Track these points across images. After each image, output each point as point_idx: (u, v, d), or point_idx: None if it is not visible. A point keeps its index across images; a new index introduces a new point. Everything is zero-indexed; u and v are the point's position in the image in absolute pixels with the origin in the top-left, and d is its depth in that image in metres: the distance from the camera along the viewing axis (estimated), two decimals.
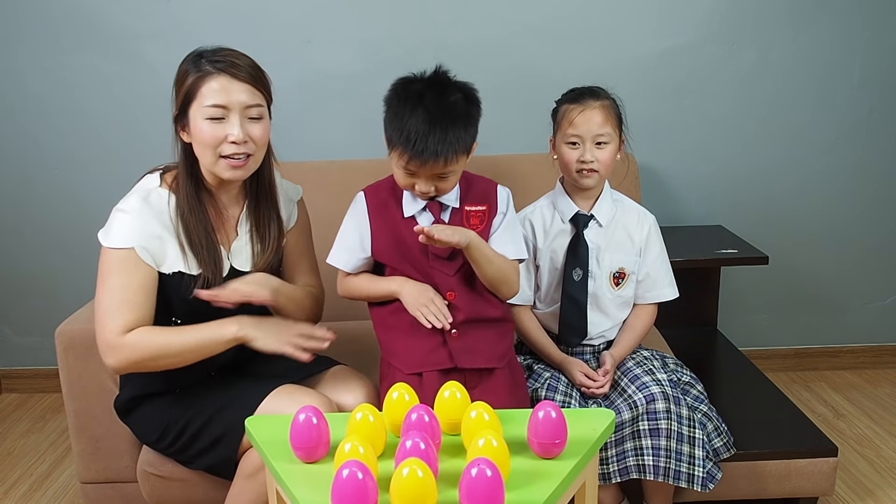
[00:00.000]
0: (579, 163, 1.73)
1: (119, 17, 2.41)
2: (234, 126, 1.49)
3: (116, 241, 1.50)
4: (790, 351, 2.78)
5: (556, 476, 1.15)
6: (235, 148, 1.49)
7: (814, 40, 2.49)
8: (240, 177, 1.55)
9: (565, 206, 1.82)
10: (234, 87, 1.48)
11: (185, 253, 1.54)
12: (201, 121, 1.48)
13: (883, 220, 2.66)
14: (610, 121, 1.73)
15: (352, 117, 2.47)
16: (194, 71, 1.49)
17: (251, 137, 1.51)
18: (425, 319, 1.55)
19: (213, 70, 1.48)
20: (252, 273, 1.60)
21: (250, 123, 1.51)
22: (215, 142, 1.49)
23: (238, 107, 1.49)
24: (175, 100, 1.53)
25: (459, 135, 1.50)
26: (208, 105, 1.47)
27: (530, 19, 2.44)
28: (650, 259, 1.84)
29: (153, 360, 1.49)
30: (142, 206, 1.53)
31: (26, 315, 2.68)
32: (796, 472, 1.82)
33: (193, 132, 1.51)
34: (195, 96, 1.48)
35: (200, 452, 1.58)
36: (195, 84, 1.48)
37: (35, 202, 2.57)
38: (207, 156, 1.51)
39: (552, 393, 1.73)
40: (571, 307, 1.80)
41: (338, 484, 1.04)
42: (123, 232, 1.51)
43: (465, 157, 1.56)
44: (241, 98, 1.49)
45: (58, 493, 2.14)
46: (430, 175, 1.52)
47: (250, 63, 1.53)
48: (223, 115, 1.48)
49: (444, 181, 1.55)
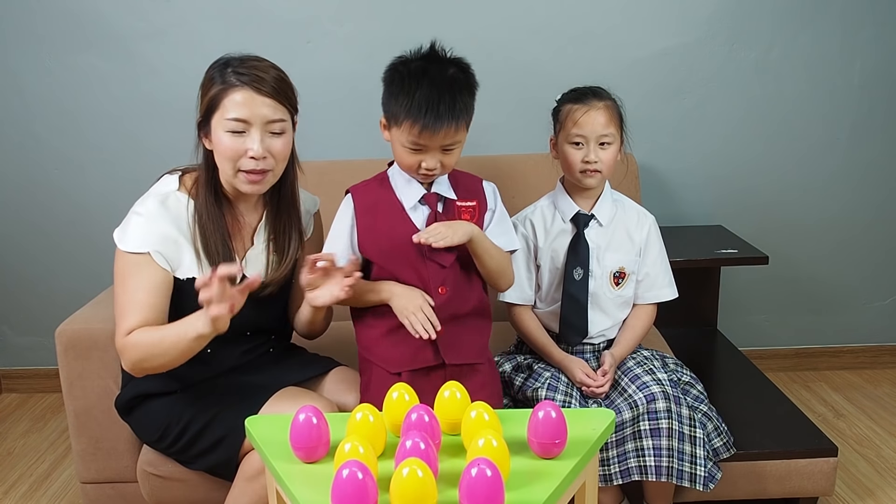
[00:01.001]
0: (583, 163, 1.73)
1: (119, 18, 2.41)
2: (254, 141, 1.48)
3: (132, 244, 1.50)
4: (790, 351, 2.78)
5: (556, 476, 1.15)
6: (254, 164, 1.49)
7: (814, 40, 2.49)
8: (257, 191, 1.55)
9: (566, 206, 1.82)
10: (256, 101, 1.47)
11: (199, 259, 1.54)
12: (222, 133, 1.48)
13: (883, 220, 2.66)
14: (613, 121, 1.74)
15: (352, 117, 2.47)
16: (219, 81, 1.48)
17: (271, 153, 1.50)
18: (413, 329, 1.55)
19: (237, 82, 1.47)
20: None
21: (271, 138, 1.51)
22: (235, 155, 1.49)
23: (259, 121, 1.48)
24: (199, 105, 1.53)
25: (466, 101, 1.53)
26: (230, 118, 1.47)
27: (530, 19, 2.44)
28: (650, 259, 1.84)
29: (148, 359, 1.47)
30: (159, 210, 1.53)
31: (26, 315, 2.68)
32: (796, 472, 1.83)
33: (215, 142, 1.50)
34: (218, 107, 1.48)
35: (201, 453, 1.58)
36: (219, 95, 1.48)
37: (35, 202, 2.57)
38: (227, 168, 1.51)
39: (552, 392, 1.73)
40: (572, 306, 1.80)
41: (338, 484, 1.04)
42: (139, 236, 1.50)
43: (466, 130, 1.57)
44: (264, 112, 1.48)
45: (58, 493, 2.14)
46: (438, 147, 1.52)
47: (276, 76, 1.51)
48: (244, 129, 1.48)
49: (450, 155, 1.55)
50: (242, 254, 1.62)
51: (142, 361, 1.48)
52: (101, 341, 1.73)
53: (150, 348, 1.46)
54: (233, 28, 2.42)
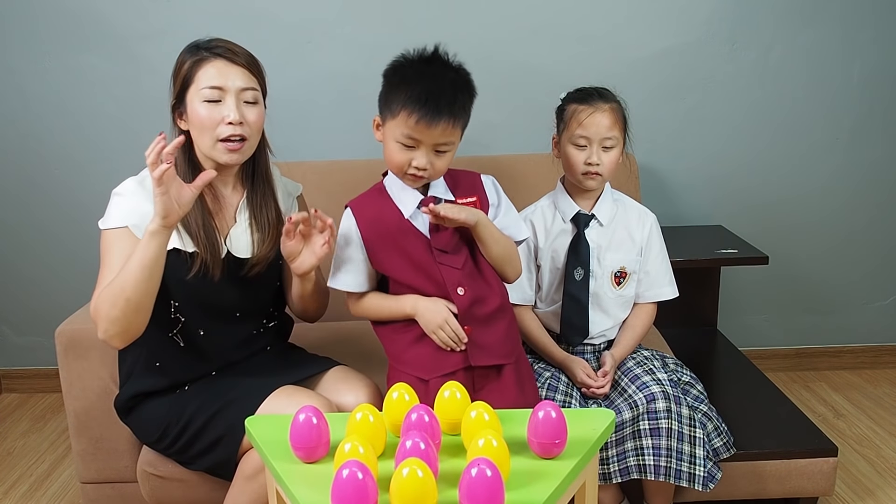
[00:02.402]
0: (586, 165, 1.73)
1: (119, 17, 2.41)
2: (230, 108, 1.52)
3: (111, 222, 1.55)
4: (790, 351, 2.78)
5: (556, 476, 1.15)
6: (232, 129, 1.52)
7: (814, 40, 2.50)
8: (236, 160, 1.57)
9: (566, 206, 1.82)
10: (230, 70, 1.53)
11: (180, 234, 1.56)
12: (198, 104, 1.52)
13: (883, 220, 2.66)
14: (617, 124, 1.73)
15: (352, 117, 2.47)
16: (191, 59, 1.54)
17: (247, 121, 1.55)
18: (442, 343, 1.56)
19: (209, 55, 1.53)
20: None
21: (246, 107, 1.55)
22: (212, 123, 1.52)
23: (234, 89, 1.53)
24: (172, 89, 1.57)
25: (465, 103, 1.54)
26: (205, 87, 1.52)
27: (530, 20, 2.44)
28: (650, 258, 1.84)
29: (116, 303, 1.44)
30: (136, 188, 1.58)
31: (26, 315, 2.68)
32: (796, 472, 1.83)
33: (191, 117, 1.54)
34: (192, 81, 1.53)
35: (200, 453, 1.58)
36: (192, 69, 1.53)
37: (35, 202, 2.57)
38: (205, 139, 1.54)
39: (552, 393, 1.73)
40: (573, 306, 1.80)
41: (338, 484, 1.04)
42: (118, 213, 1.55)
43: (461, 136, 1.57)
44: (238, 82, 1.53)
45: (58, 493, 2.14)
46: (431, 146, 1.51)
47: (246, 52, 1.58)
48: (220, 98, 1.52)
49: (442, 157, 1.54)
50: (225, 231, 1.63)
51: (111, 310, 1.44)
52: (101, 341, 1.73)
53: (112, 289, 1.45)
54: (233, 28, 2.41)
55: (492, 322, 1.61)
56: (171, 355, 1.61)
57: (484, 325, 1.59)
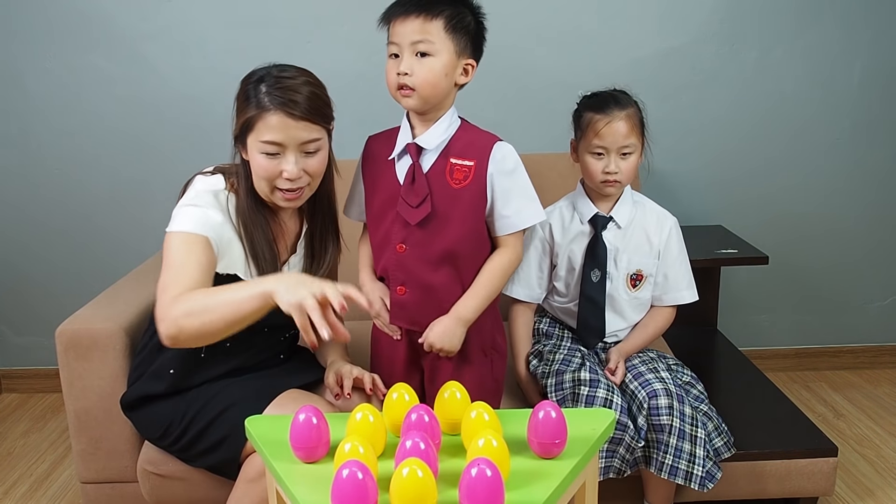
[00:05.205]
0: (604, 174, 1.73)
1: (120, 17, 2.41)
2: (289, 163, 1.48)
3: (191, 226, 1.46)
4: (790, 351, 2.78)
5: (556, 476, 1.15)
6: (290, 184, 1.50)
7: (814, 40, 2.50)
8: (294, 206, 1.57)
9: (584, 208, 1.82)
10: (290, 125, 1.46)
11: (248, 262, 1.54)
12: (257, 154, 1.48)
13: (883, 220, 2.66)
14: (635, 131, 1.73)
15: (352, 117, 2.45)
16: (254, 103, 1.47)
17: (307, 171, 1.51)
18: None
19: (270, 106, 1.46)
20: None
21: (306, 158, 1.51)
22: (270, 176, 1.49)
23: (294, 143, 1.48)
24: (235, 119, 1.52)
25: (443, 7, 1.54)
26: (264, 141, 1.47)
27: (532, 21, 2.44)
28: (669, 261, 1.83)
29: (195, 312, 1.36)
30: (214, 203, 1.52)
31: (26, 315, 2.68)
32: (796, 472, 1.83)
33: (251, 160, 1.51)
34: (252, 129, 1.48)
35: (203, 452, 1.58)
36: (253, 118, 1.47)
37: (35, 202, 2.57)
38: (263, 186, 1.52)
39: (566, 366, 1.75)
40: (590, 308, 1.80)
41: (338, 484, 1.04)
42: (199, 220, 1.47)
43: (445, 35, 1.54)
44: (298, 135, 1.47)
45: (58, 493, 2.14)
46: (411, 43, 1.51)
47: (309, 94, 1.48)
48: (279, 152, 1.48)
49: (422, 63, 1.51)
50: (285, 257, 1.64)
51: (187, 315, 1.36)
52: (102, 341, 1.73)
53: (200, 298, 1.37)
54: (233, 28, 2.42)
55: (430, 292, 1.60)
56: (188, 365, 1.60)
57: (421, 291, 1.60)
